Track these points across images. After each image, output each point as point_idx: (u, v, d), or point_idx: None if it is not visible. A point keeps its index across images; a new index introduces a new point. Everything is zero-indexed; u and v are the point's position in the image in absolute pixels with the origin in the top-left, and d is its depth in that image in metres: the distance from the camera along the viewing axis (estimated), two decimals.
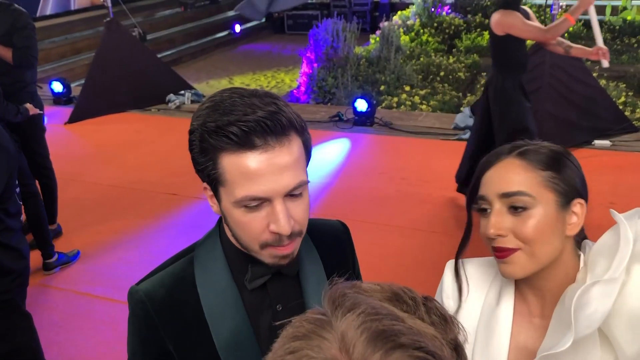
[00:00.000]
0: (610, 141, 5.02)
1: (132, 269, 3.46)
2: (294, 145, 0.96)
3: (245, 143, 0.91)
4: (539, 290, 1.11)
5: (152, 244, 3.78)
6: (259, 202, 0.94)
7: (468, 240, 1.17)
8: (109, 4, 6.41)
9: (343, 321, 0.53)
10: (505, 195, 1.05)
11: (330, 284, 0.59)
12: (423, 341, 0.52)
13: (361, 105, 5.75)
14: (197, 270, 1.05)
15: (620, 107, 5.79)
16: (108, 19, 6.47)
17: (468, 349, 1.15)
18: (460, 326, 0.59)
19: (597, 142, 4.97)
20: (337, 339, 0.52)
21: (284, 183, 0.94)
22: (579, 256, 1.08)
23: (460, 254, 1.21)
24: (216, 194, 0.99)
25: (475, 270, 1.22)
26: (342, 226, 1.27)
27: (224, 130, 0.91)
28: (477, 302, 1.19)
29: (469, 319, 1.18)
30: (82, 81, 7.06)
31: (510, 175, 1.06)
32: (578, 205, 1.06)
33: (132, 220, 4.17)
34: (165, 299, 1.03)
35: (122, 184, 4.77)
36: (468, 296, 1.20)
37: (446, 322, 0.58)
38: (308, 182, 1.01)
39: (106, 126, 6.17)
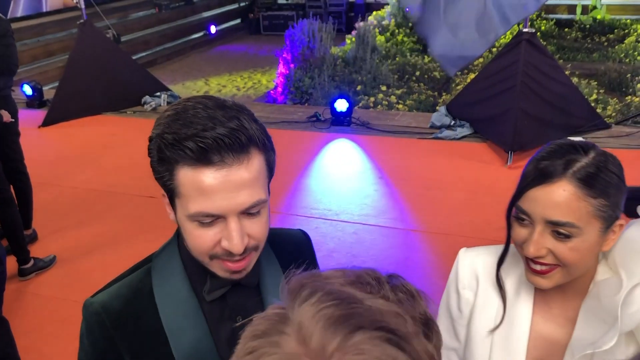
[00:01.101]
0: (583, 138, 5.07)
1: (110, 273, 3.40)
2: (254, 162, 0.92)
3: (201, 159, 0.88)
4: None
5: (130, 247, 3.74)
6: (212, 219, 0.92)
7: (508, 251, 1.15)
8: (82, 6, 6.33)
9: (299, 312, 0.52)
10: (552, 223, 1.01)
11: (288, 277, 0.57)
12: (383, 320, 0.51)
13: (341, 105, 5.77)
14: (155, 280, 1.03)
15: (592, 104, 5.89)
16: (81, 20, 6.38)
17: (486, 340, 1.17)
18: (429, 299, 0.58)
19: (570, 138, 5.05)
20: (295, 331, 0.51)
21: (239, 201, 0.91)
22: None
23: (500, 265, 1.17)
24: (172, 204, 0.97)
25: (488, 261, 1.21)
26: (304, 235, 1.26)
27: (181, 143, 0.88)
28: (495, 295, 1.19)
29: (488, 310, 1.18)
30: (56, 84, 6.96)
31: (561, 202, 1.00)
32: (618, 226, 1.04)
33: (109, 224, 4.13)
34: (122, 310, 1.00)
35: (98, 187, 4.72)
36: (485, 288, 1.20)
37: (413, 298, 0.57)
38: (267, 200, 0.97)
39: (81, 129, 6.10)
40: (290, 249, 1.18)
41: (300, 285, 0.55)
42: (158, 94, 6.71)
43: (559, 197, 1.00)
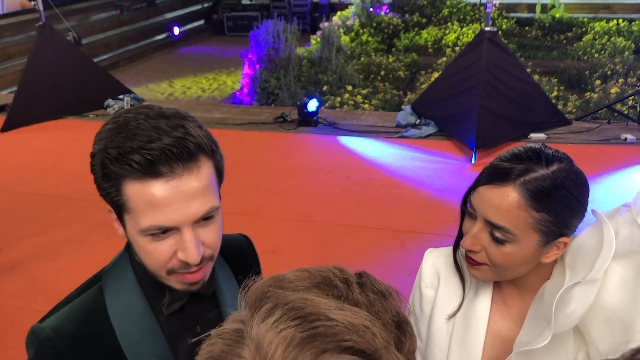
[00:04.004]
0: (546, 134, 5.21)
1: (74, 281, 3.33)
2: (204, 169, 0.91)
3: (149, 172, 0.86)
4: (514, 283, 1.14)
5: (95, 254, 3.67)
6: (165, 232, 0.90)
7: (462, 238, 1.16)
8: (41, 8, 6.18)
9: (258, 332, 0.48)
10: (490, 224, 1.04)
11: (246, 285, 0.54)
12: (350, 339, 0.47)
13: (312, 105, 5.77)
14: (109, 299, 0.99)
15: (554, 101, 6.02)
16: (40, 23, 6.23)
17: (446, 336, 1.18)
18: (401, 297, 0.56)
19: (532, 135, 5.15)
20: (252, 355, 0.47)
21: (192, 211, 0.89)
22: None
23: (457, 249, 1.20)
24: (121, 220, 0.94)
25: (450, 259, 1.24)
26: (246, 239, 1.25)
27: (126, 157, 0.86)
28: (456, 291, 1.20)
29: (447, 307, 1.20)
30: (14, 88, 6.78)
31: (503, 206, 1.02)
32: (562, 243, 1.05)
33: (73, 231, 4.04)
34: (76, 333, 0.95)
35: (61, 193, 4.62)
36: (446, 285, 1.22)
37: (385, 298, 0.54)
38: (219, 206, 0.95)
39: (42, 134, 5.95)
40: (235, 254, 1.17)
41: (260, 295, 0.52)
42: (121, 96, 6.59)
43: (502, 201, 1.01)
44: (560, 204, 1.01)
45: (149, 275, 0.98)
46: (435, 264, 1.25)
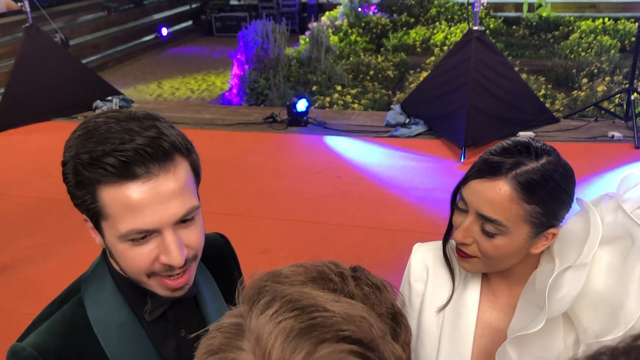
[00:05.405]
0: (534, 132, 5.25)
1: (65, 283, 3.32)
2: (180, 169, 0.89)
3: (124, 174, 0.84)
4: (503, 274, 1.16)
5: (85, 256, 3.64)
6: (146, 235, 0.88)
7: (452, 231, 1.18)
8: (28, 9, 6.14)
9: (257, 324, 0.48)
10: (483, 217, 1.05)
11: (242, 281, 0.54)
12: (348, 329, 0.48)
13: (302, 105, 5.77)
14: (90, 310, 0.96)
15: (541, 99, 6.06)
16: (27, 24, 6.19)
17: (436, 328, 1.20)
18: (396, 290, 0.56)
19: (521, 133, 5.18)
20: (252, 346, 0.47)
21: (172, 212, 0.87)
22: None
23: (446, 242, 1.22)
24: (98, 228, 0.92)
25: (438, 253, 1.25)
26: (223, 239, 1.23)
27: (100, 161, 0.84)
28: (445, 284, 1.22)
29: (436, 300, 1.21)
30: (1, 90, 6.72)
31: (494, 199, 1.04)
32: (551, 234, 1.07)
33: (63, 233, 4.02)
34: (59, 348, 0.92)
35: (50, 196, 4.59)
36: (435, 278, 1.23)
37: (379, 291, 0.55)
38: (199, 206, 0.94)
39: (30, 136, 5.92)
40: (213, 255, 1.15)
41: (257, 289, 0.52)
42: (110, 98, 6.56)
43: (494, 194, 1.03)
44: (550, 195, 1.03)
45: (129, 283, 0.97)
46: (424, 257, 1.27)
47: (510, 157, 1.05)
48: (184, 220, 0.90)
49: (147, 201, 0.85)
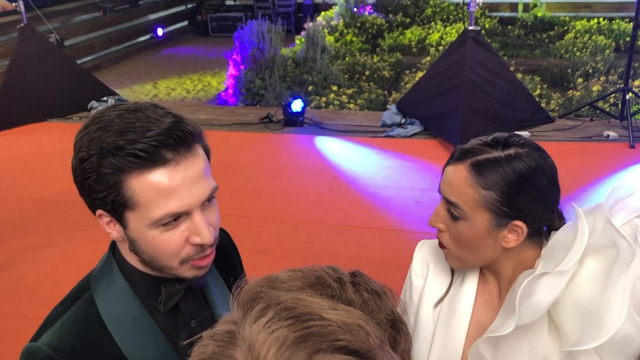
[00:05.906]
0: (529, 132, 5.26)
1: (60, 285, 3.32)
2: (200, 151, 0.93)
3: (155, 160, 0.86)
4: (496, 274, 1.17)
5: (80, 257, 3.64)
6: (177, 218, 0.90)
7: None
8: (22, 9, 6.12)
9: (250, 332, 0.47)
10: (447, 201, 1.11)
11: (238, 285, 0.53)
12: (344, 338, 0.46)
13: (297, 105, 5.77)
14: (102, 306, 0.97)
15: (537, 99, 6.07)
16: (22, 24, 6.17)
17: (431, 323, 1.22)
18: (396, 296, 0.55)
19: (517, 133, 5.19)
20: (245, 355, 0.46)
21: (200, 193, 0.91)
22: (541, 246, 1.12)
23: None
24: (120, 220, 0.92)
25: (440, 250, 1.25)
26: (224, 233, 1.25)
27: (128, 149, 0.84)
28: (443, 280, 1.24)
29: (434, 296, 1.23)
30: None
31: (454, 183, 1.09)
32: (519, 228, 1.07)
33: (58, 234, 4.00)
34: (75, 346, 0.93)
35: (44, 197, 4.57)
36: (435, 274, 1.25)
37: (379, 297, 0.54)
38: (218, 186, 0.97)
39: (25, 137, 5.89)
40: (217, 248, 1.16)
41: (252, 296, 0.51)
42: (105, 98, 6.54)
43: (454, 178, 1.09)
44: (507, 183, 1.04)
45: (142, 276, 0.98)
46: (425, 254, 1.30)
47: (481, 147, 1.09)
48: (207, 201, 0.94)
49: (179, 185, 0.88)
